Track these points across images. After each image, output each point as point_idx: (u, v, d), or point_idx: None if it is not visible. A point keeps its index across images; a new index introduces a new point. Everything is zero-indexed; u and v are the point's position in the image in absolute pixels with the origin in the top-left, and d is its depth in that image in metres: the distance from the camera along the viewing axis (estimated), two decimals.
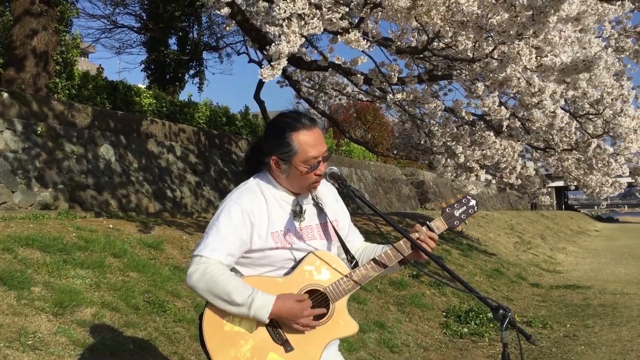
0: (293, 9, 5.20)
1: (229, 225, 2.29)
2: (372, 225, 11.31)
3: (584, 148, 8.96)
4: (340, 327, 2.36)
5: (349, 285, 2.36)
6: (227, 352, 2.24)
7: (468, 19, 5.34)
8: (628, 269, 14.18)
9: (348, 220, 2.64)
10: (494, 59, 5.68)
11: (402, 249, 2.42)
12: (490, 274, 11.61)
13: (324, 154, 2.35)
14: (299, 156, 2.31)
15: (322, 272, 2.36)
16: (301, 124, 2.33)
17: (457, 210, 2.51)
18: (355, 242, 2.64)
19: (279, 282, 2.33)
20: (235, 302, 2.20)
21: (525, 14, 5.10)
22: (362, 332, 6.32)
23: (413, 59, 8.18)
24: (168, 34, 18.63)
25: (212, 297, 2.22)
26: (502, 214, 24.65)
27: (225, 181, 13.21)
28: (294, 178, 2.36)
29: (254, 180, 2.44)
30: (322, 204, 2.49)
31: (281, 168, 2.35)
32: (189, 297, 5.68)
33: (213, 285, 2.21)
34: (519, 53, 5.26)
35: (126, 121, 11.10)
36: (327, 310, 2.34)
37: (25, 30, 10.25)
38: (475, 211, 2.54)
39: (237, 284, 2.23)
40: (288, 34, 5.33)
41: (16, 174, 8.56)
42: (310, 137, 2.32)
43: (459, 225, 2.52)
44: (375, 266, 2.40)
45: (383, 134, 25.60)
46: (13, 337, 3.97)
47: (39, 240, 5.65)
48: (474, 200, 2.54)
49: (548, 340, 7.28)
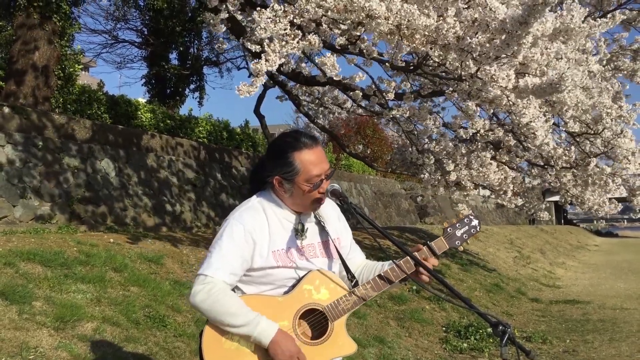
0: (274, 29, 5.29)
1: (231, 244, 2.31)
2: (372, 239, 11.31)
3: (584, 167, 8.99)
4: (339, 346, 2.36)
5: (348, 305, 2.37)
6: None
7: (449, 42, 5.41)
8: (627, 284, 14.17)
9: (350, 238, 2.66)
10: (479, 78, 5.73)
11: (403, 268, 2.42)
12: (489, 288, 11.61)
13: (327, 172, 2.37)
14: (302, 175, 2.33)
15: (321, 292, 2.37)
16: (303, 143, 2.36)
17: (459, 230, 2.52)
18: (356, 260, 2.65)
19: (278, 301, 2.34)
20: (238, 323, 2.23)
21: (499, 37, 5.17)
22: (362, 347, 6.31)
23: (407, 77, 8.26)
24: (169, 49, 18.75)
25: (215, 317, 2.25)
26: (501, 229, 24.65)
27: (225, 196, 13.22)
28: (298, 197, 2.38)
29: (257, 198, 2.46)
30: (324, 222, 2.51)
31: (284, 187, 2.38)
32: (190, 311, 5.69)
33: (218, 305, 2.24)
34: (492, 77, 5.33)
35: (126, 135, 11.14)
36: (326, 329, 2.35)
37: (27, 44, 10.33)
38: (478, 231, 2.54)
39: (240, 306, 2.26)
40: (268, 52, 5.42)
41: (17, 187, 8.59)
42: (312, 156, 2.35)
43: (461, 245, 2.51)
44: (374, 286, 2.41)
45: (382, 149, 25.65)
46: (15, 352, 3.98)
47: (40, 255, 5.67)
48: (476, 220, 2.54)
49: (548, 355, 7.27)
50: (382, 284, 2.41)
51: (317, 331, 2.37)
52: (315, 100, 11.95)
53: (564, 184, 10.02)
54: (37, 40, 10.37)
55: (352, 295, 2.38)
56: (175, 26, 17.56)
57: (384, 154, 24.71)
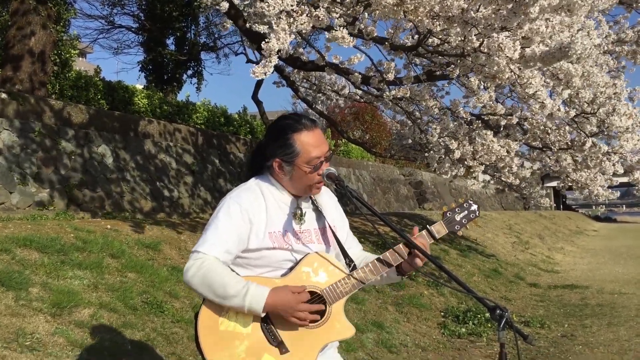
0: (282, 5, 5.26)
1: (227, 222, 2.29)
2: (370, 225, 11.30)
3: (580, 147, 8.97)
4: (337, 330, 2.35)
5: (347, 288, 2.35)
6: (222, 352, 2.24)
7: (453, 15, 5.37)
8: (626, 269, 14.20)
9: (347, 228, 2.64)
10: (482, 52, 5.70)
11: (401, 252, 2.41)
12: (488, 274, 11.62)
13: (326, 154, 2.36)
14: (302, 157, 2.32)
15: (319, 274, 2.35)
16: (302, 125, 2.35)
17: (458, 214, 2.51)
18: (352, 251, 2.62)
19: (276, 283, 2.32)
20: (230, 294, 2.19)
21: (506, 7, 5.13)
22: (360, 332, 6.32)
23: (408, 57, 8.19)
24: (166, 35, 18.62)
25: (207, 291, 2.21)
26: (500, 214, 24.67)
27: (222, 181, 13.20)
28: (297, 179, 2.37)
29: (254, 181, 2.44)
30: (321, 208, 2.50)
31: (284, 170, 2.37)
32: (187, 297, 5.68)
33: (207, 278, 2.20)
34: (499, 46, 5.28)
35: (123, 121, 11.09)
36: (324, 312, 2.32)
37: (23, 30, 10.24)
38: (477, 216, 2.53)
39: (231, 277, 2.23)
40: (277, 31, 5.37)
41: (14, 173, 8.55)
42: (312, 138, 2.34)
43: (460, 230, 2.50)
44: (373, 269, 2.39)
45: (381, 134, 25.60)
46: (11, 338, 3.97)
47: (37, 241, 5.64)
48: (475, 205, 2.53)
49: (546, 340, 7.28)
50: (381, 267, 2.39)
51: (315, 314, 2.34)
52: (313, 86, 11.90)
53: (564, 167, 9.99)
54: (33, 26, 10.28)
55: (351, 278, 2.36)
56: (172, 11, 17.42)
57: (383, 139, 24.68)
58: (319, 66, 8.84)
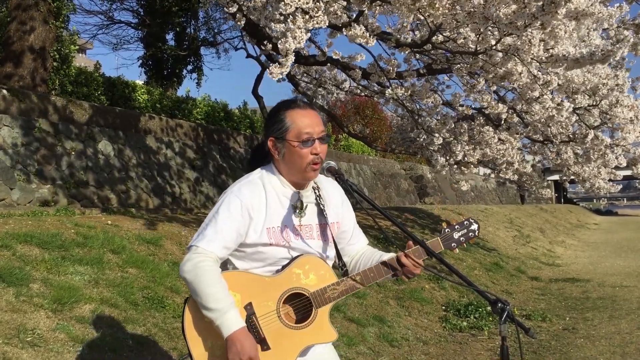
0: (298, 3, 5.21)
1: (227, 218, 2.28)
2: (371, 220, 11.32)
3: (582, 139, 8.95)
4: (319, 334, 2.35)
5: (334, 294, 2.35)
6: (205, 343, 2.27)
7: (475, 10, 5.31)
8: (627, 262, 14.19)
9: (353, 221, 2.62)
10: (498, 51, 5.68)
11: (391, 266, 2.40)
12: (489, 267, 11.62)
13: (320, 133, 2.34)
14: (292, 131, 2.32)
15: (309, 277, 2.35)
16: (296, 104, 2.39)
17: (457, 232, 2.49)
18: (357, 245, 2.62)
19: (266, 281, 2.33)
20: (209, 306, 2.20)
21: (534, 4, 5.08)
22: (362, 326, 6.32)
23: (413, 53, 8.15)
24: (165, 30, 18.56)
25: (193, 291, 2.25)
26: (501, 208, 24.65)
27: (224, 176, 13.20)
28: (289, 158, 2.34)
29: (258, 173, 2.43)
30: (324, 204, 2.46)
31: (278, 148, 2.36)
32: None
33: (197, 281, 2.22)
34: (530, 42, 5.23)
35: (124, 117, 11.08)
36: (309, 315, 2.33)
37: (22, 25, 10.22)
38: (476, 236, 2.51)
39: (218, 289, 2.22)
40: (294, 30, 5.33)
41: (15, 170, 8.55)
42: (303, 114, 2.35)
43: (456, 248, 2.48)
44: (363, 279, 2.39)
45: (382, 129, 25.56)
46: (12, 334, 3.97)
47: (37, 237, 5.63)
48: (476, 224, 2.51)
49: (547, 333, 7.28)
50: (372, 276, 2.40)
51: (301, 315, 2.35)
52: (313, 81, 11.87)
53: (565, 160, 9.96)
54: (33, 21, 10.25)
55: (340, 285, 2.36)
56: (171, 6, 17.37)
57: (383, 134, 24.64)
58: (320, 62, 8.82)
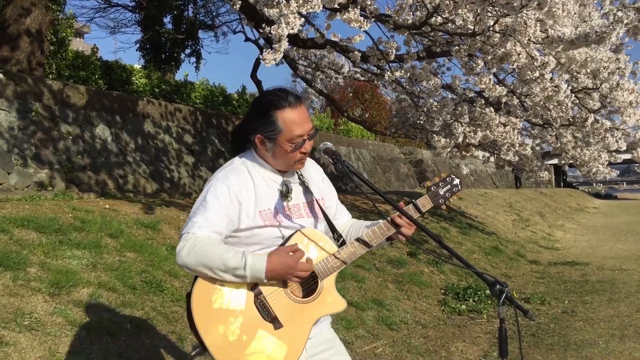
0: None
1: (216, 203, 2.26)
2: (370, 204, 11.26)
3: (581, 123, 8.90)
4: (329, 304, 2.36)
5: (337, 263, 2.37)
6: (217, 329, 2.23)
7: None
8: (626, 245, 14.20)
9: (335, 198, 2.65)
10: (496, 32, 5.63)
11: (388, 227, 2.42)
12: (488, 251, 11.62)
13: (309, 132, 2.34)
14: (284, 135, 2.30)
15: (310, 250, 2.35)
16: (287, 102, 2.31)
17: (441, 188, 2.55)
18: (342, 220, 2.66)
19: None
20: (230, 266, 2.16)
21: None
22: (361, 309, 6.32)
23: (411, 35, 8.07)
24: (163, 13, 18.44)
25: (203, 267, 2.18)
26: (500, 192, 24.64)
27: (222, 161, 13.15)
28: (279, 157, 2.36)
29: (240, 159, 2.43)
30: (308, 182, 2.49)
31: (266, 146, 2.35)
32: (186, 276, 5.67)
33: (203, 255, 2.17)
34: (525, 23, 5.19)
35: (122, 101, 11.02)
36: (315, 288, 2.34)
37: (18, 9, 10.13)
38: (459, 189, 2.58)
39: (227, 250, 2.21)
40: (287, 15, 5.26)
41: (12, 154, 8.50)
42: (295, 116, 2.31)
43: (444, 204, 2.54)
44: (362, 244, 2.41)
45: (381, 113, 25.49)
46: (9, 318, 3.95)
47: (34, 221, 5.61)
48: (457, 179, 2.58)
49: (546, 316, 7.29)
50: (370, 240, 2.41)
51: (307, 290, 2.36)
52: (312, 64, 11.78)
53: (564, 144, 9.92)
54: (29, 4, 10.16)
55: (340, 252, 2.38)
56: None
57: (383, 118, 24.57)
58: (319, 44, 8.74)
